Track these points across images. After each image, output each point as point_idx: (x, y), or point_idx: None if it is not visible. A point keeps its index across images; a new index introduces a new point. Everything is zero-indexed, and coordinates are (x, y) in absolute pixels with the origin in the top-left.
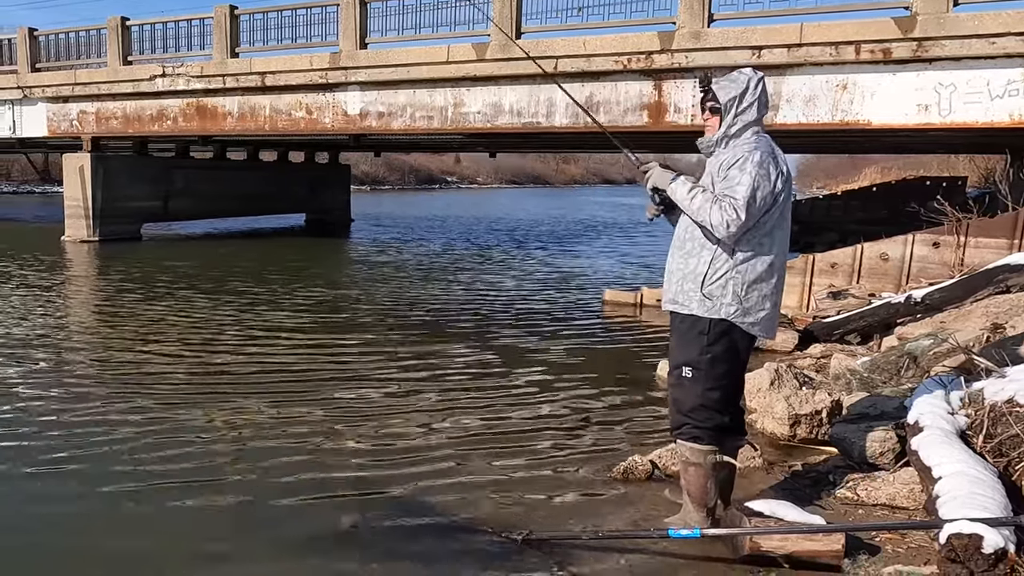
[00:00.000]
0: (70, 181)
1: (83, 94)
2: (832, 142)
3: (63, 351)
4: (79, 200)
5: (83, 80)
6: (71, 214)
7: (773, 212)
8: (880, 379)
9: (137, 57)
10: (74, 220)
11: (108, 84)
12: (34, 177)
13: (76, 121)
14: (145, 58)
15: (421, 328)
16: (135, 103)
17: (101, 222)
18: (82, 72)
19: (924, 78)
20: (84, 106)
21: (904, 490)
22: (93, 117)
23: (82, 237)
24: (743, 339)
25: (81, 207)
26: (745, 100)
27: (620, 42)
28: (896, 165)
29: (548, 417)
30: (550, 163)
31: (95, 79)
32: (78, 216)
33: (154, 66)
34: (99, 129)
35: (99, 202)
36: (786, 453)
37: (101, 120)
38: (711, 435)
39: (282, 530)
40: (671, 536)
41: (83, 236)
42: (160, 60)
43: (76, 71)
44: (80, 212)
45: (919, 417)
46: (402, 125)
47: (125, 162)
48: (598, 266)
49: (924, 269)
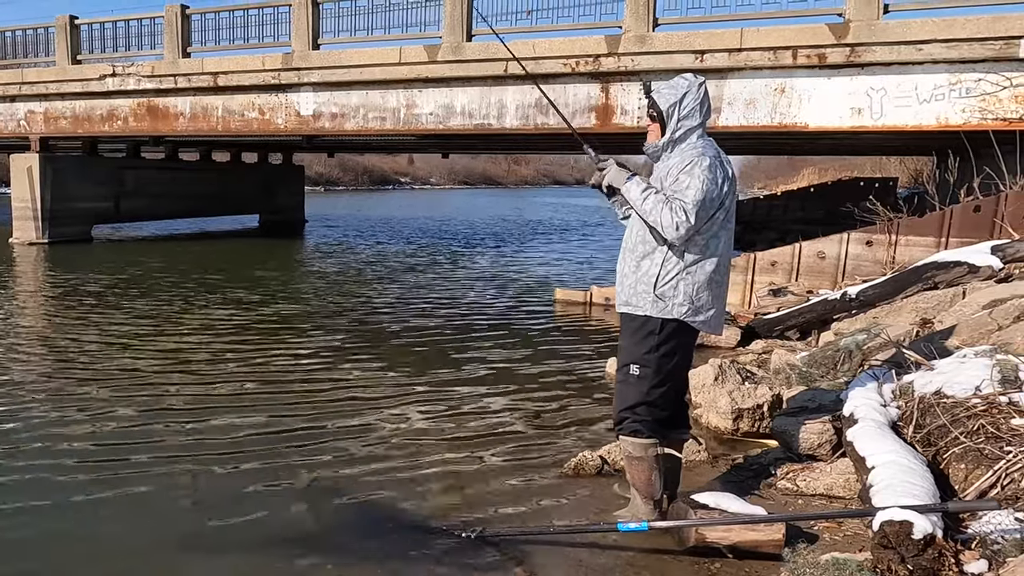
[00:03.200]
0: (18, 182)
1: (31, 93)
2: (771, 144)
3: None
4: (27, 201)
5: (31, 79)
6: (19, 216)
7: (719, 215)
8: (818, 373)
9: (87, 56)
10: (22, 222)
11: (57, 83)
12: None
13: (24, 121)
14: (95, 57)
15: (370, 329)
16: (85, 103)
17: (50, 224)
18: (30, 71)
19: (857, 82)
20: (32, 105)
21: (840, 480)
22: (42, 117)
23: (31, 239)
24: (690, 337)
25: (29, 208)
26: (685, 105)
27: (568, 45)
28: (832, 166)
29: (498, 414)
30: (502, 164)
31: (44, 78)
32: (26, 218)
33: (104, 66)
34: (48, 129)
35: (48, 203)
36: (730, 446)
37: (50, 120)
38: (652, 427)
39: (231, 530)
40: (620, 530)
41: (32, 238)
42: (110, 59)
43: (24, 70)
44: (28, 214)
45: (854, 409)
46: (355, 126)
47: (75, 163)
48: (549, 265)
49: (858, 267)
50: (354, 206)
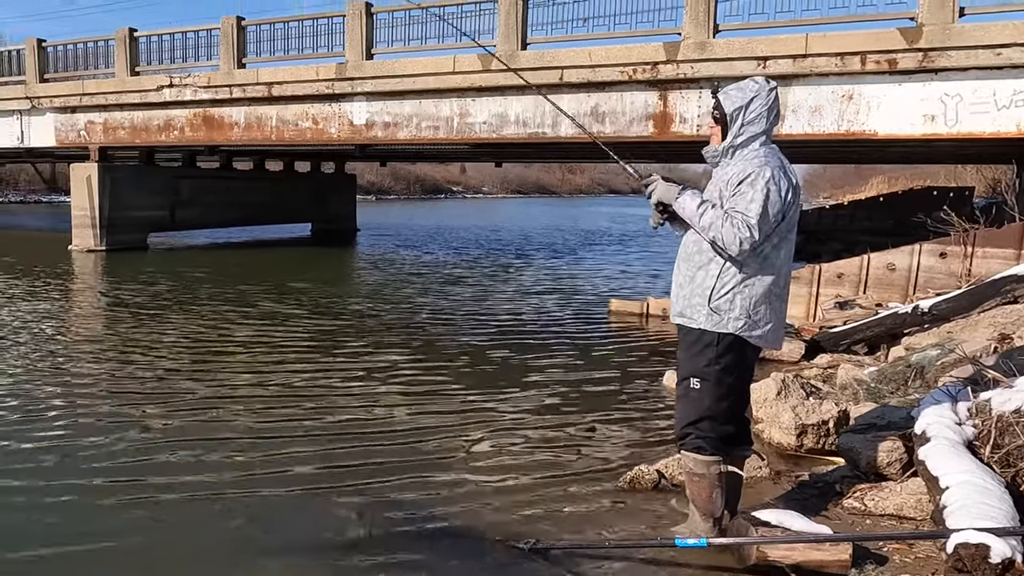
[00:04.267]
0: (77, 191)
1: (91, 104)
2: (838, 152)
3: (69, 358)
4: (86, 210)
5: (91, 90)
6: (78, 224)
7: (782, 226)
8: (887, 389)
9: (144, 68)
10: (81, 230)
11: (116, 94)
12: (41, 187)
13: (84, 131)
14: (152, 68)
15: (426, 339)
16: (142, 113)
17: (108, 232)
18: (90, 82)
19: (930, 88)
20: (92, 116)
21: (911, 500)
22: (101, 127)
23: (89, 247)
24: (751, 350)
25: (88, 217)
26: (752, 110)
27: (625, 53)
28: (903, 175)
29: (554, 427)
30: (556, 173)
31: (103, 89)
32: (85, 226)
33: (161, 77)
34: (106, 139)
35: (106, 212)
36: (793, 463)
37: (109, 130)
38: (716, 444)
39: (287, 538)
40: (678, 545)
41: (90, 245)
42: (167, 71)
43: (84, 81)
44: (87, 222)
45: (926, 427)
46: (408, 135)
47: (132, 172)
48: (604, 276)
49: (931, 279)
50: (406, 215)
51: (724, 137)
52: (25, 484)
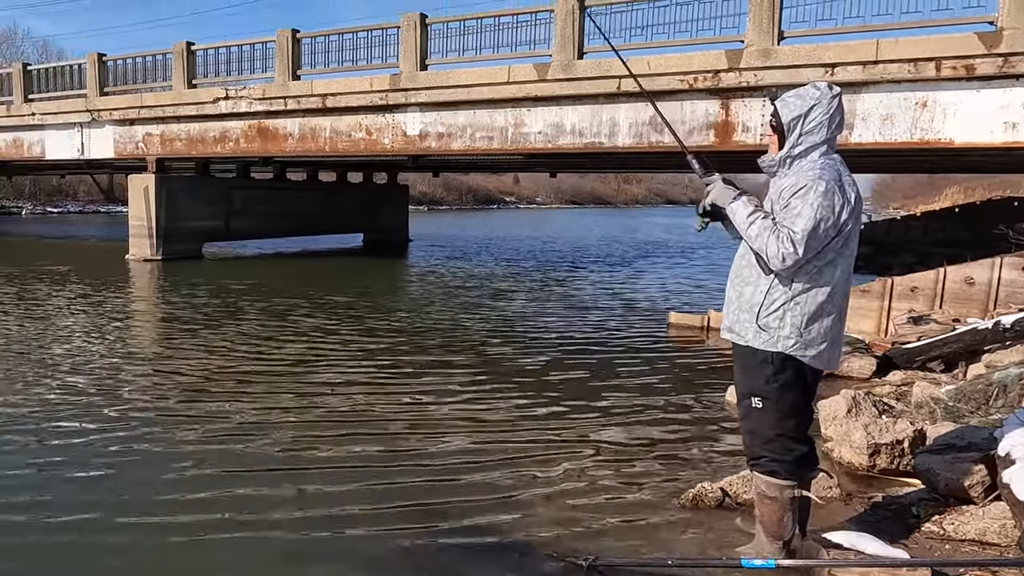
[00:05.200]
0: (135, 201)
1: (149, 116)
2: (909, 161)
3: (131, 367)
4: (143, 220)
5: (149, 103)
6: (135, 233)
7: (836, 241)
8: (967, 408)
9: (201, 80)
10: (138, 239)
11: (173, 107)
12: (99, 197)
13: (142, 143)
14: (208, 81)
15: (483, 353)
16: (199, 125)
17: (164, 241)
18: (148, 95)
19: (1011, 95)
20: (149, 128)
21: (995, 525)
22: (158, 139)
23: (146, 256)
24: (810, 367)
25: (145, 226)
26: (812, 119)
27: (685, 61)
28: (980, 185)
29: (614, 442)
30: (611, 183)
31: (160, 102)
32: (142, 235)
33: (217, 89)
34: (164, 151)
35: (162, 222)
36: (865, 484)
37: (166, 142)
38: (790, 468)
39: (338, 550)
40: (744, 566)
41: (147, 255)
42: (223, 83)
43: (142, 95)
44: (144, 231)
45: (1011, 449)
46: (462, 146)
47: (187, 183)
48: (662, 288)
49: (1013, 294)
50: (458, 225)
51: (782, 146)
52: (70, 518)
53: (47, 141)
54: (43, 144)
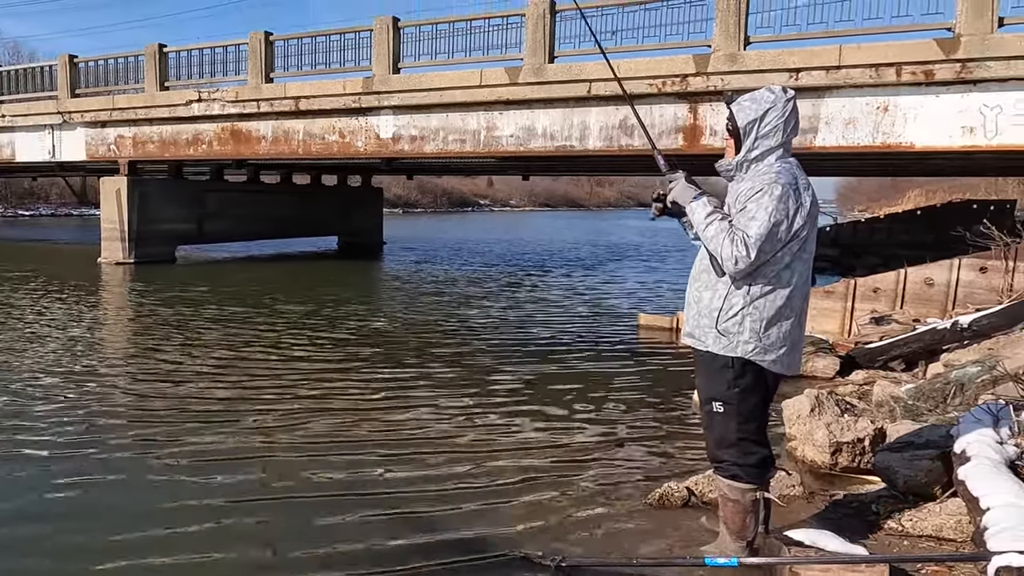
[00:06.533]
0: (107, 204)
1: (121, 119)
2: (873, 165)
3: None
4: (115, 223)
5: (121, 105)
6: (107, 236)
7: (793, 245)
8: (926, 407)
9: (174, 83)
10: (110, 242)
11: (145, 109)
12: (72, 200)
13: (114, 145)
14: (181, 83)
15: (454, 353)
16: (171, 127)
17: (137, 244)
18: (120, 97)
19: (969, 100)
20: (122, 131)
21: (951, 521)
22: (130, 141)
23: (118, 259)
24: (770, 371)
25: (117, 230)
26: (767, 123)
27: (654, 65)
28: (941, 188)
29: (581, 442)
30: (584, 186)
31: (133, 104)
32: (114, 239)
33: (190, 91)
34: (136, 153)
35: (135, 225)
36: (827, 482)
37: (138, 144)
38: (752, 472)
39: (306, 555)
40: (707, 564)
41: (119, 258)
42: (196, 85)
43: (114, 96)
44: (116, 235)
45: (967, 446)
46: (435, 149)
47: (160, 185)
48: (632, 290)
49: (971, 295)
50: (432, 228)
51: (739, 150)
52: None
53: (17, 143)
54: (13, 146)
